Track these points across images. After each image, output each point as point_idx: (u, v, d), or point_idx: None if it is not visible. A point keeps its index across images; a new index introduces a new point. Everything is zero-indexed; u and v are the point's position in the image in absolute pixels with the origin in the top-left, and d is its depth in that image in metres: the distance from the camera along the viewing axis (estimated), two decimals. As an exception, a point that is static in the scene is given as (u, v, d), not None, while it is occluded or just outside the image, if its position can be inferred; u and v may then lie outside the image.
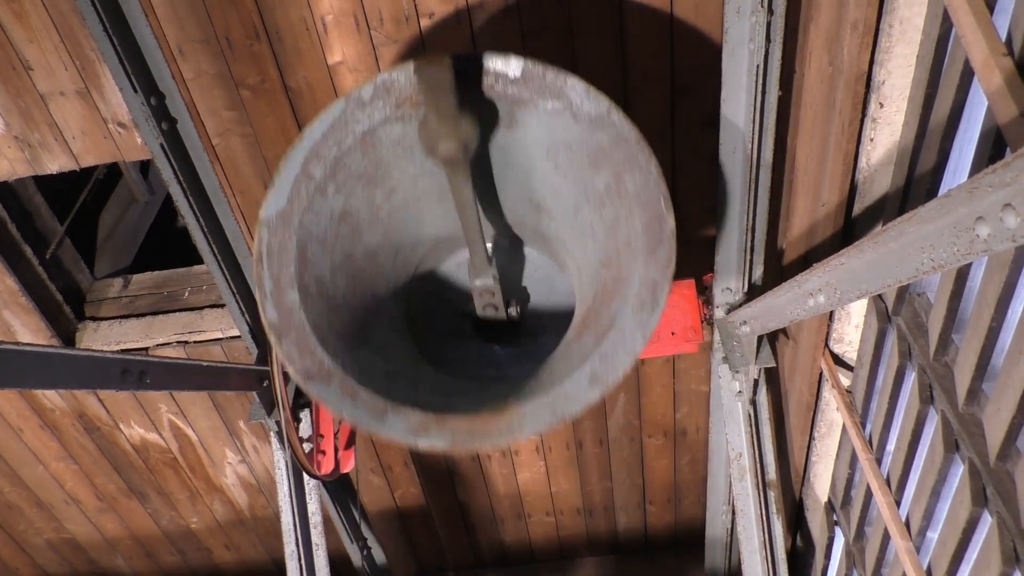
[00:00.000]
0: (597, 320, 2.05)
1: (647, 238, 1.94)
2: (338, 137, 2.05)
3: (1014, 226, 1.17)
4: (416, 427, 1.91)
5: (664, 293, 1.92)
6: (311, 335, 1.98)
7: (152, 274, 4.48)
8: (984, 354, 2.04)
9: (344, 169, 2.09)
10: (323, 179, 2.06)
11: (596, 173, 2.05)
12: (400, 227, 2.40)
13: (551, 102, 2.00)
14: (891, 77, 2.23)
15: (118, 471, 4.87)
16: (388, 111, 2.05)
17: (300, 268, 2.02)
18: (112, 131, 3.35)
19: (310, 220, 2.05)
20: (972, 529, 2.24)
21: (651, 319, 1.91)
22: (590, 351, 1.95)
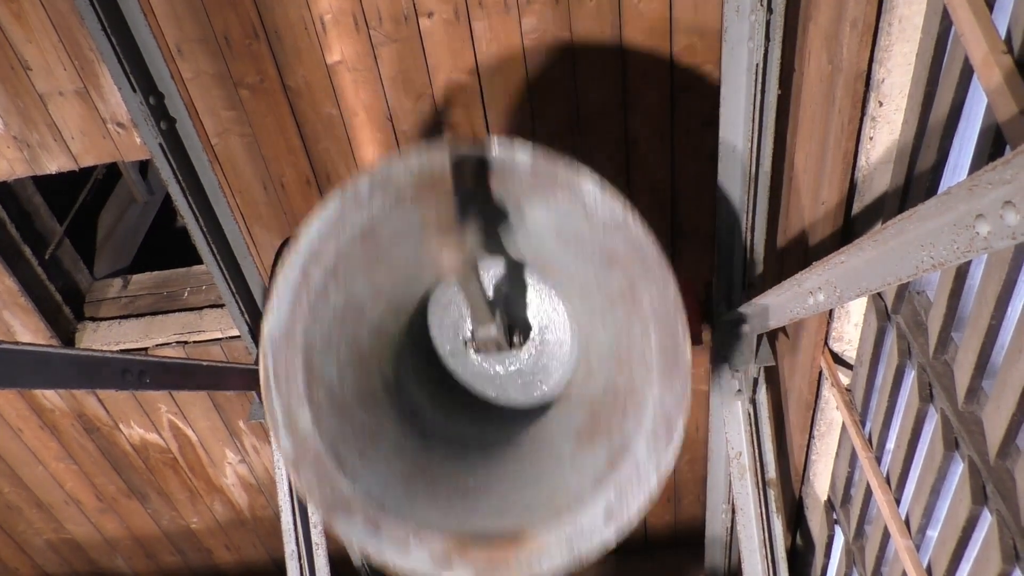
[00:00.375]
0: (608, 431, 1.98)
1: (662, 361, 1.85)
2: (336, 236, 1.95)
3: (1014, 223, 1.17)
4: (439, 558, 1.92)
5: (679, 432, 1.84)
6: (328, 459, 1.95)
7: (151, 274, 4.48)
8: (984, 352, 2.04)
9: (344, 265, 2.01)
10: (323, 281, 1.98)
11: (610, 273, 1.94)
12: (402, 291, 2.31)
13: (562, 197, 1.89)
14: (891, 75, 2.23)
15: (118, 471, 4.87)
16: (387, 206, 1.95)
17: (308, 383, 1.97)
18: (111, 131, 3.35)
19: (313, 329, 1.99)
20: (972, 527, 2.24)
21: (665, 456, 1.85)
22: (603, 473, 1.90)
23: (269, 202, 3.50)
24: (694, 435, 4.67)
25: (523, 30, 2.97)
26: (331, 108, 3.22)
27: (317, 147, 3.33)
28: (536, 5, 2.90)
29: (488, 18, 2.95)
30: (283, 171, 3.40)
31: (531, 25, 2.96)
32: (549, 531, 1.90)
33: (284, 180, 3.43)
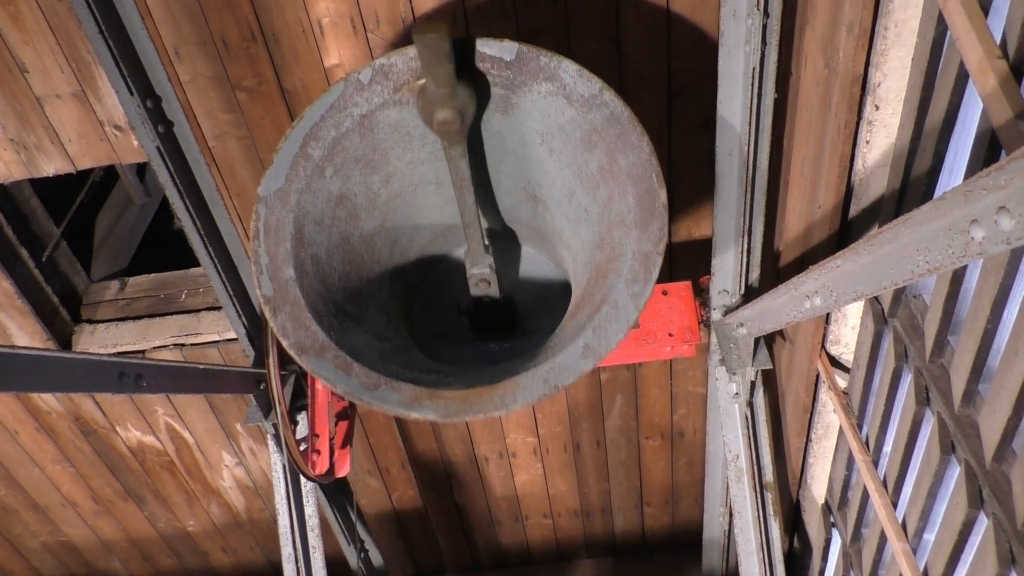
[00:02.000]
0: (591, 299, 2.06)
1: (640, 213, 1.96)
2: (337, 119, 2.08)
3: (1009, 229, 1.17)
4: (409, 400, 1.93)
5: (656, 265, 1.93)
6: (306, 310, 2.00)
7: (149, 276, 4.47)
8: (980, 356, 2.04)
9: (342, 151, 2.12)
10: (321, 160, 2.08)
11: (589, 154, 2.07)
12: (397, 215, 2.41)
13: (544, 85, 2.03)
14: (887, 79, 2.23)
15: (115, 474, 4.86)
16: (386, 95, 2.08)
17: (296, 246, 2.05)
18: (108, 133, 3.35)
19: (307, 200, 2.08)
20: (968, 531, 2.24)
21: (644, 290, 1.92)
22: (584, 325, 1.96)
23: (266, 205, 3.49)
24: (692, 438, 4.67)
25: (521, 33, 2.97)
26: (329, 111, 3.21)
27: (314, 150, 3.33)
28: (534, 7, 2.91)
29: (486, 21, 2.95)
30: (280, 174, 3.39)
31: (528, 29, 2.96)
32: (525, 373, 1.92)
33: (281, 183, 3.42)
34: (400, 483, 4.94)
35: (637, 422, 4.58)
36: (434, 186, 2.42)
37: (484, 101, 2.11)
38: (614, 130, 2.01)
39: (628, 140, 2.00)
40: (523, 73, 2.03)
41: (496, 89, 2.08)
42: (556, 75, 2.03)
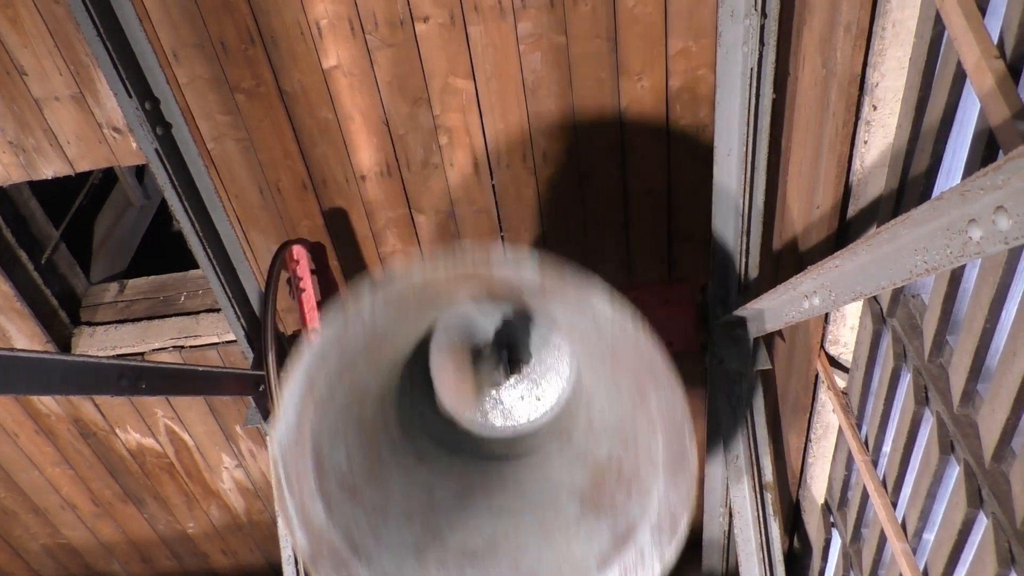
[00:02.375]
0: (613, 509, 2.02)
1: (668, 458, 1.87)
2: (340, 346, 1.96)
3: (1006, 228, 1.17)
4: None
5: (683, 528, 1.87)
6: (343, 548, 1.98)
7: (148, 279, 4.47)
8: (978, 355, 2.05)
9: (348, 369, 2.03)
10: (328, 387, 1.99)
11: (618, 370, 1.97)
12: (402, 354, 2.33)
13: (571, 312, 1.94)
14: (884, 80, 2.24)
15: (114, 476, 4.86)
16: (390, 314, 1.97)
17: (319, 478, 1.99)
18: (107, 136, 3.35)
19: (320, 428, 2.01)
20: (968, 530, 2.24)
21: (669, 550, 1.87)
22: (608, 554, 1.94)
23: (265, 206, 3.50)
24: (691, 438, 4.67)
25: (519, 34, 2.98)
26: (327, 112, 3.22)
27: (313, 151, 3.33)
28: (531, 10, 2.91)
29: (484, 23, 2.95)
30: (279, 175, 3.40)
31: (526, 29, 2.96)
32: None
33: (280, 184, 3.43)
34: (400, 484, 4.94)
35: (637, 423, 4.57)
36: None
37: None
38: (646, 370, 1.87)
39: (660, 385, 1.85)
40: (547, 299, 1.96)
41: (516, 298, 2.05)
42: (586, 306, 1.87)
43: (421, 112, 3.23)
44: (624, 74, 3.08)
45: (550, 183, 3.43)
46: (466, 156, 3.36)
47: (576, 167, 3.37)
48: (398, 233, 3.61)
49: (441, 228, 3.60)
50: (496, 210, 3.52)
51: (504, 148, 3.34)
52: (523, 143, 3.32)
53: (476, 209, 3.53)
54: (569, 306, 1.92)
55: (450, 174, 3.42)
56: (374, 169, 3.40)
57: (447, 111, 3.23)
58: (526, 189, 3.46)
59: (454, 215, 3.54)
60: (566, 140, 3.30)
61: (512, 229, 3.59)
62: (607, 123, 3.24)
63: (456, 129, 3.28)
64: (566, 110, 3.20)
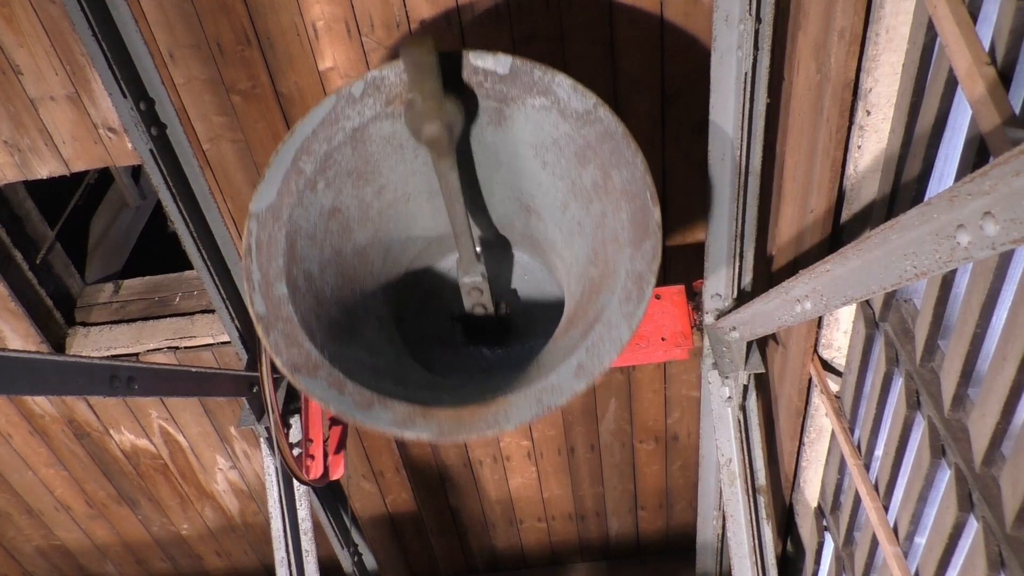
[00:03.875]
0: (584, 315, 2.06)
1: (633, 231, 1.96)
2: (328, 133, 2.07)
3: (993, 234, 1.18)
4: (402, 419, 1.92)
5: (650, 285, 1.93)
6: (299, 327, 1.99)
7: (143, 279, 4.47)
8: (969, 360, 2.05)
9: (334, 165, 2.11)
10: (313, 174, 2.08)
11: (583, 169, 2.07)
12: (390, 226, 2.41)
13: (538, 99, 2.03)
14: (878, 85, 2.24)
15: (108, 477, 4.85)
16: (378, 108, 2.08)
17: (289, 262, 2.04)
18: (103, 136, 3.35)
19: (299, 215, 2.07)
20: (958, 534, 2.25)
21: (637, 310, 1.92)
22: (577, 344, 1.96)
23: (261, 208, 3.49)
24: (686, 441, 4.68)
25: (514, 38, 2.98)
26: (323, 114, 3.22)
27: (309, 153, 3.33)
28: (527, 12, 2.92)
29: (480, 25, 2.96)
30: (275, 177, 3.40)
31: (522, 32, 2.97)
32: (519, 392, 1.92)
33: (276, 186, 3.42)
34: (394, 487, 4.94)
35: (631, 426, 4.58)
36: (427, 196, 2.43)
37: (476, 113, 2.11)
38: (608, 146, 2.01)
39: (622, 157, 1.99)
40: (516, 87, 2.03)
41: (489, 102, 2.08)
42: (550, 89, 2.02)
43: (417, 114, 3.23)
44: (620, 76, 3.09)
45: (545, 186, 3.44)
46: (461, 158, 3.37)
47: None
48: (393, 235, 3.61)
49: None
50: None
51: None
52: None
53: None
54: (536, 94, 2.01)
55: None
56: (370, 171, 3.40)
57: (443, 113, 3.23)
58: (521, 192, 3.46)
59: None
60: (561, 143, 3.31)
61: (507, 232, 3.59)
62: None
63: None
64: (561, 113, 3.20)
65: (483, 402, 1.93)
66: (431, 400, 2.00)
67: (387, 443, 4.63)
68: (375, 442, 4.63)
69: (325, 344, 2.03)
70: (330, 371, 1.97)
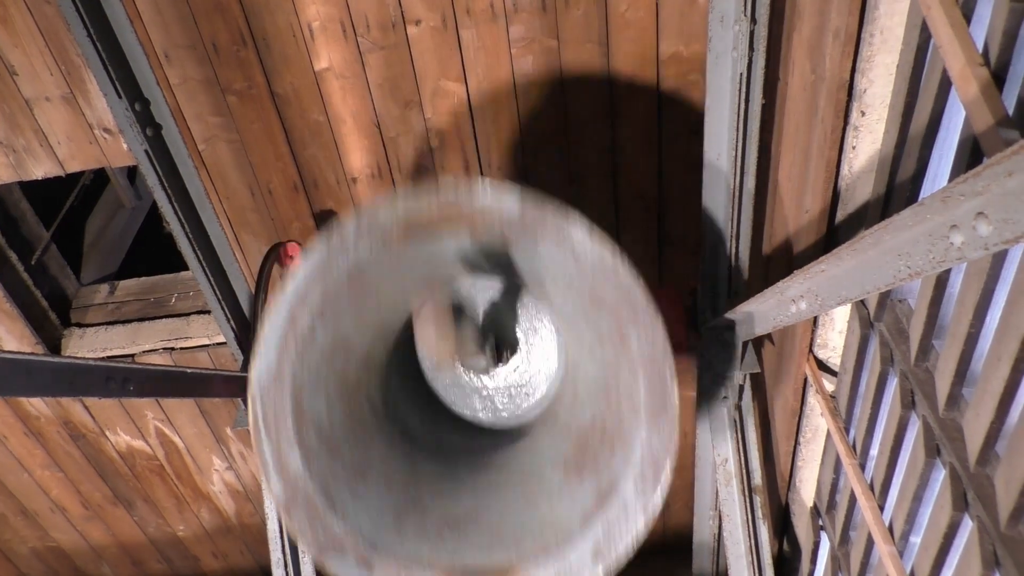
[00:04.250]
0: (596, 466, 2.01)
1: (650, 402, 1.86)
2: (323, 279, 1.97)
3: (986, 234, 1.18)
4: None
5: (667, 475, 1.86)
6: (319, 500, 1.97)
7: (138, 280, 4.46)
8: (964, 360, 2.06)
9: (331, 307, 2.01)
10: (310, 325, 1.98)
11: (599, 314, 1.95)
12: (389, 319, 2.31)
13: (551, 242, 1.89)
14: (873, 86, 2.25)
15: (104, 479, 4.84)
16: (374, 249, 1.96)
17: (298, 425, 1.98)
18: (98, 136, 3.34)
19: (301, 371, 1.99)
20: (953, 533, 2.26)
21: (652, 499, 1.86)
22: (591, 511, 1.92)
23: (256, 208, 3.50)
24: (682, 441, 4.66)
25: (510, 38, 2.99)
26: (319, 115, 3.22)
27: (304, 153, 3.33)
28: (523, 13, 2.92)
29: (476, 26, 2.96)
30: (270, 177, 3.40)
31: (518, 33, 2.97)
32: (538, 567, 1.90)
33: (271, 186, 3.43)
34: (391, 487, 4.94)
35: (627, 426, 4.58)
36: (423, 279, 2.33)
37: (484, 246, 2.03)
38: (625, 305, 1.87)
39: (640, 320, 1.86)
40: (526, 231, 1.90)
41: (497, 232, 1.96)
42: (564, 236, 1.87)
43: (412, 115, 3.23)
44: (616, 79, 3.09)
45: (542, 186, 3.43)
46: (457, 159, 3.37)
47: (567, 171, 3.38)
48: (389, 236, 3.61)
49: (432, 231, 3.60)
50: (487, 213, 3.53)
51: (495, 151, 3.35)
52: (514, 146, 3.32)
53: (467, 212, 3.53)
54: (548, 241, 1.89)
55: (441, 177, 3.42)
56: (365, 171, 3.40)
57: (438, 114, 3.23)
58: (517, 192, 3.46)
59: (445, 218, 3.54)
60: (557, 144, 3.31)
61: (503, 232, 3.59)
62: (598, 127, 3.25)
63: (447, 132, 3.29)
64: (557, 114, 3.21)
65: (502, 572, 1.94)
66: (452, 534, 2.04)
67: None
68: (371, 443, 4.63)
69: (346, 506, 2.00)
70: (355, 545, 1.96)
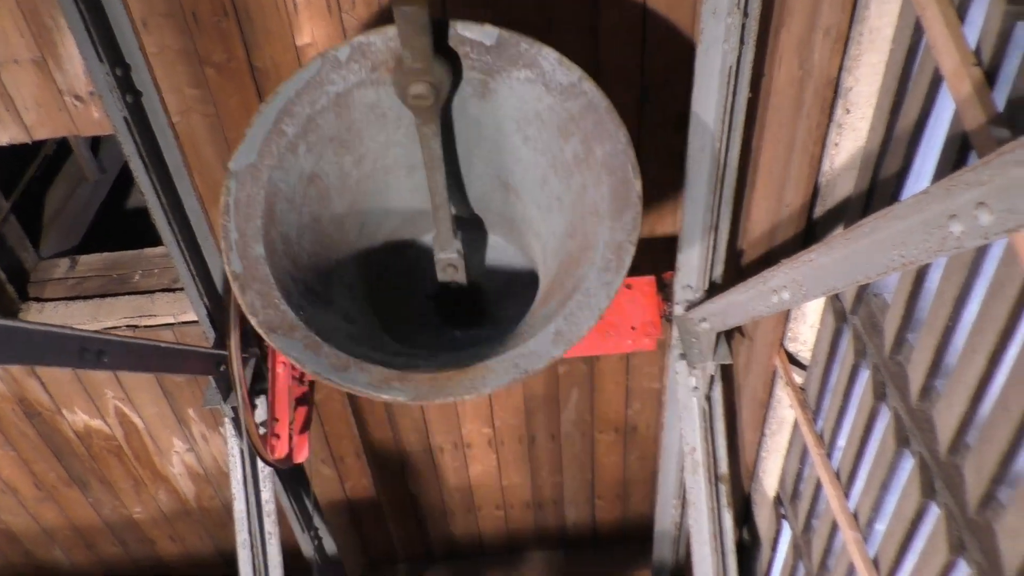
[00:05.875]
0: (561, 287, 2.08)
1: (614, 202, 1.98)
2: (312, 96, 2.06)
3: (987, 223, 1.22)
4: (378, 381, 1.91)
5: (629, 254, 1.96)
6: (275, 288, 1.98)
7: (101, 256, 4.35)
8: (939, 352, 2.12)
9: (316, 129, 2.10)
10: (295, 137, 2.06)
11: (566, 142, 2.09)
12: (368, 197, 2.40)
13: (524, 71, 2.04)
14: (858, 84, 2.30)
15: (59, 458, 4.72)
16: (363, 74, 2.07)
17: (267, 223, 2.02)
18: (68, 103, 3.24)
19: (279, 177, 2.06)
20: (919, 520, 2.33)
21: (616, 279, 1.94)
22: (555, 313, 1.98)
23: (230, 185, 3.43)
24: (644, 433, 4.74)
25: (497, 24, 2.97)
26: (299, 92, 3.17)
27: (283, 131, 3.28)
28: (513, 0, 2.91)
29: (464, 9, 2.94)
30: (246, 154, 3.34)
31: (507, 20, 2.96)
32: (496, 358, 1.94)
33: (247, 163, 3.37)
34: (354, 472, 4.91)
35: (592, 416, 4.62)
36: (406, 170, 2.42)
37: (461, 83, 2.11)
38: (591, 119, 2.03)
39: (605, 129, 2.02)
40: (502, 58, 2.04)
41: (474, 73, 2.09)
42: (536, 62, 2.04)
43: (394, 96, 3.21)
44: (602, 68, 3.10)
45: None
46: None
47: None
48: (365, 217, 3.58)
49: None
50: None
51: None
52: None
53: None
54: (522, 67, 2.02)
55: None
56: (344, 151, 3.36)
57: (421, 95, 3.21)
58: (496, 178, 3.46)
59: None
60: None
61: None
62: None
63: (429, 115, 3.27)
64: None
65: (461, 367, 1.93)
66: (407, 365, 2.00)
67: (348, 428, 4.60)
68: (336, 427, 4.59)
69: (301, 307, 2.02)
70: (306, 333, 1.96)
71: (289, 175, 2.10)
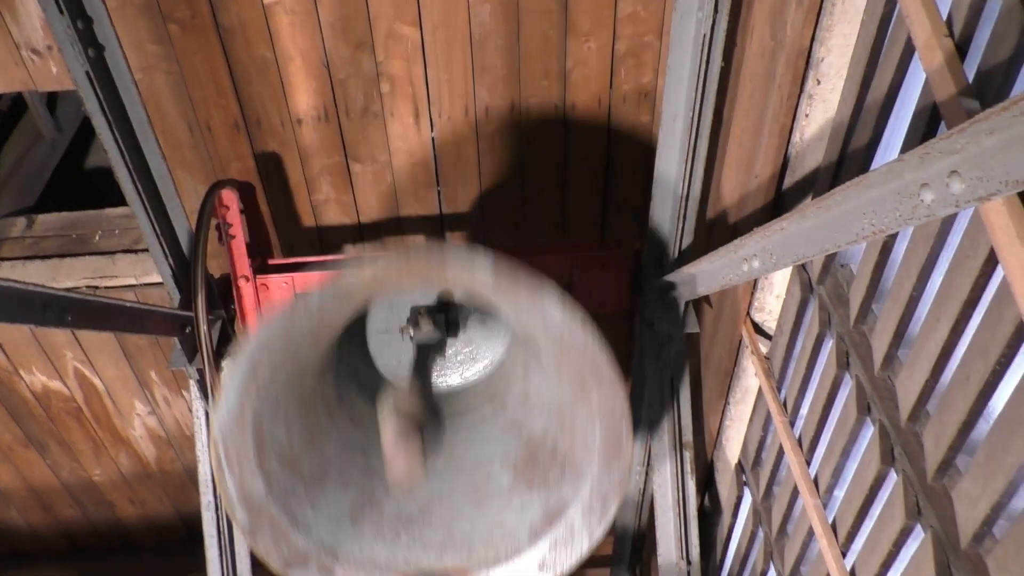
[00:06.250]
0: (546, 483, 2.11)
1: (604, 450, 1.95)
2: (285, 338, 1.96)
3: (959, 192, 1.24)
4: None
5: (612, 512, 1.98)
6: (282, 520, 2.03)
7: (59, 215, 4.24)
8: (903, 322, 2.17)
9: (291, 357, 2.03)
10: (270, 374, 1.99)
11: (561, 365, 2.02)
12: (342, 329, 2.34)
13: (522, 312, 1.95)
14: (830, 55, 2.32)
15: (16, 419, 4.63)
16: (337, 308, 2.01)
17: (259, 456, 2.01)
18: (24, 57, 3.13)
19: (261, 408, 2.01)
20: (879, 486, 2.39)
21: (598, 529, 1.98)
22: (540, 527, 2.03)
23: (194, 145, 3.36)
24: (610, 400, 4.78)
25: None
26: (265, 51, 3.10)
27: (248, 90, 3.21)
28: (487, -40, 2.87)
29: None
30: (210, 113, 3.26)
31: (481, -20, 2.92)
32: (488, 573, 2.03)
33: (211, 123, 3.29)
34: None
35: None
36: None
37: None
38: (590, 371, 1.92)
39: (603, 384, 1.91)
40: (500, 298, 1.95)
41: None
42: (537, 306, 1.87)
43: (364, 57, 3.15)
44: (572, 34, 3.08)
45: (490, 139, 3.41)
46: (407, 106, 3.31)
47: (517, 125, 3.36)
48: (332, 181, 3.53)
49: (377, 178, 3.54)
50: (434, 163, 3.49)
51: (446, 100, 3.30)
52: (466, 96, 3.28)
53: (414, 161, 3.48)
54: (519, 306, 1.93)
55: (389, 123, 3.35)
56: (311, 113, 3.30)
57: (390, 58, 3.16)
58: (466, 143, 3.43)
59: (391, 166, 3.49)
60: (509, 97, 3.28)
61: (449, 183, 3.56)
62: (551, 83, 3.23)
63: (398, 77, 3.22)
64: (511, 67, 3.18)
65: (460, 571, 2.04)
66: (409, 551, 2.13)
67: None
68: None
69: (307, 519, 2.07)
70: (319, 557, 2.05)
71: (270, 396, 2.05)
